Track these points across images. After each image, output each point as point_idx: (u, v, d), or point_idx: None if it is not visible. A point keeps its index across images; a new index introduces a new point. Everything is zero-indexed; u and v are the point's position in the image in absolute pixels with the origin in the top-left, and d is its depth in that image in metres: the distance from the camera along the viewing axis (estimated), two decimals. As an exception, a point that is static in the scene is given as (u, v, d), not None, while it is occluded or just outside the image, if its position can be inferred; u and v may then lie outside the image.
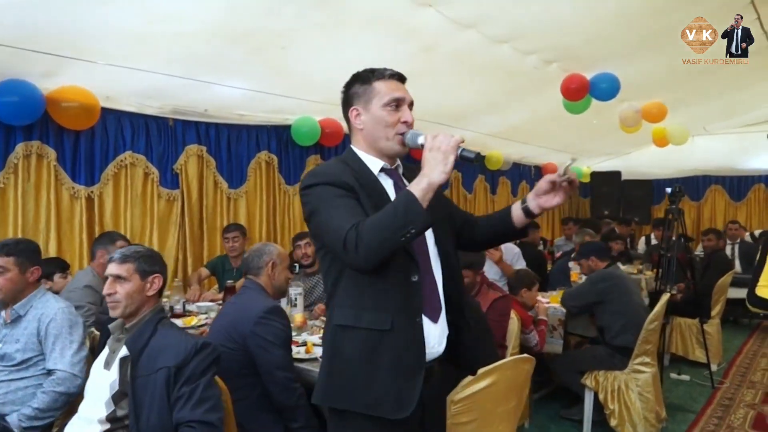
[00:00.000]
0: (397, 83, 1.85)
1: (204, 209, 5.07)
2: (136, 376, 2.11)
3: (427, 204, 1.59)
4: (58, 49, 3.70)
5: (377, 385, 1.70)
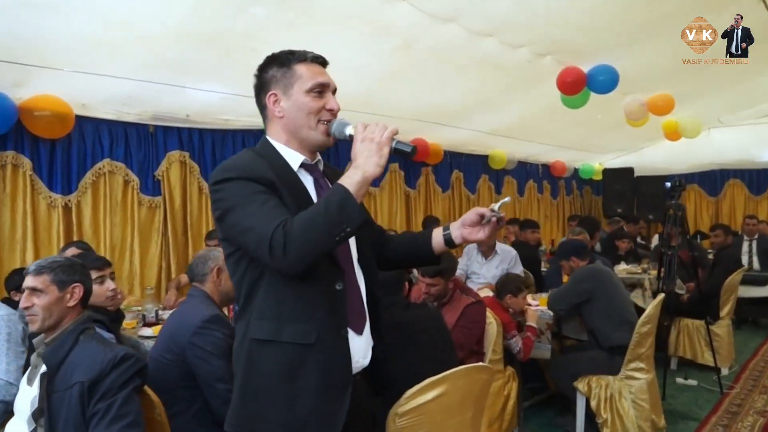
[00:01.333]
0: (320, 67, 1.70)
1: (188, 216, 5.01)
2: (51, 392, 2.02)
3: (362, 199, 1.48)
4: (24, 58, 3.67)
5: (301, 405, 1.55)
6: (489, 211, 1.72)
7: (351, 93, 4.97)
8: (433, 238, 1.84)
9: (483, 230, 1.74)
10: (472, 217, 1.75)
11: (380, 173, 1.51)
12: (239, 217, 1.52)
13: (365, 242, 1.79)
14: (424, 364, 2.30)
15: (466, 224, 1.76)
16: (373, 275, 1.78)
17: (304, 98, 1.65)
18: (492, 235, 1.77)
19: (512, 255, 5.20)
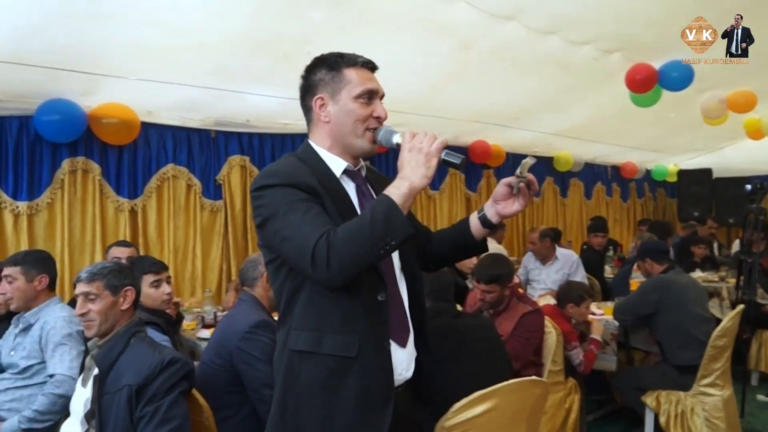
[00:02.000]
0: (369, 73, 1.66)
1: (248, 219, 5.08)
2: (102, 394, 2.06)
3: (407, 211, 1.42)
4: (91, 67, 3.81)
5: (341, 419, 1.50)
6: (515, 179, 1.62)
7: (409, 95, 5.02)
8: (471, 224, 1.76)
9: (518, 201, 1.66)
10: (501, 191, 1.67)
11: (427, 185, 1.45)
12: (280, 226, 1.48)
13: (409, 250, 1.72)
14: (474, 375, 2.20)
15: (497, 199, 1.69)
16: (417, 284, 1.72)
17: (353, 104, 1.60)
18: (527, 203, 1.67)
19: (573, 260, 4.99)
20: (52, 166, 4.20)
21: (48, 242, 4.17)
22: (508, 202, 1.66)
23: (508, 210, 1.67)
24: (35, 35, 3.28)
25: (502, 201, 1.67)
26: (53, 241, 4.20)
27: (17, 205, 4.05)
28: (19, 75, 3.69)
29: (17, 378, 2.66)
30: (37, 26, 3.20)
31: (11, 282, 2.80)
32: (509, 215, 1.69)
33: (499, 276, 3.00)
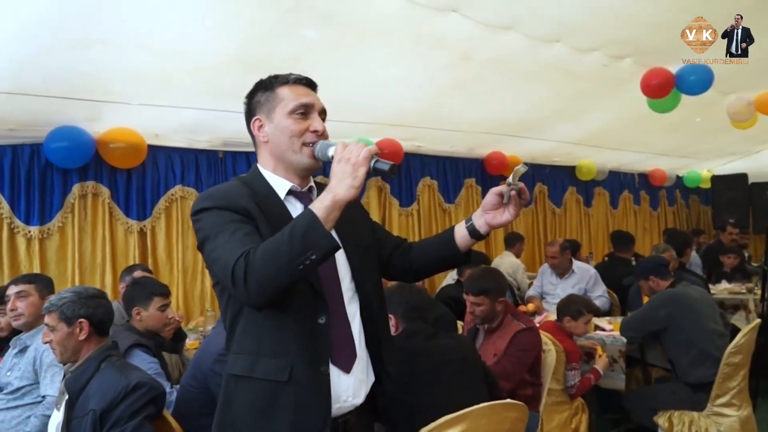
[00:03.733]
0: (305, 88, 1.65)
1: (258, 238, 5.10)
2: (71, 418, 2.08)
3: (332, 224, 1.37)
4: (95, 94, 3.92)
5: None
6: (506, 187, 1.57)
7: (410, 108, 5.02)
8: (456, 234, 1.69)
9: (508, 210, 1.60)
10: (491, 200, 1.61)
11: (354, 195, 1.40)
12: (211, 247, 1.48)
13: (365, 270, 1.68)
14: (446, 398, 2.13)
15: (486, 209, 1.62)
16: (374, 306, 1.66)
17: (286, 120, 1.59)
18: (517, 212, 1.60)
19: (590, 274, 4.84)
20: (63, 191, 4.32)
21: (59, 265, 4.28)
22: (498, 211, 1.61)
23: (497, 220, 1.61)
24: (33, 66, 3.39)
25: (492, 211, 1.61)
26: (65, 263, 4.31)
27: (29, 230, 4.18)
28: (27, 104, 3.83)
29: (9, 399, 2.72)
30: (33, 57, 3.31)
31: (24, 297, 2.88)
32: (499, 225, 1.63)
33: (488, 289, 2.93)
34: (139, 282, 3.29)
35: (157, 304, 3.01)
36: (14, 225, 4.14)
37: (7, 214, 4.10)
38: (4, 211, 4.10)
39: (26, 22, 3.04)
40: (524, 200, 1.60)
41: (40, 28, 3.10)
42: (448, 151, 6.29)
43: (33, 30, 3.10)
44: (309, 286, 1.50)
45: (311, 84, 1.68)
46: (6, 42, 3.16)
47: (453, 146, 6.27)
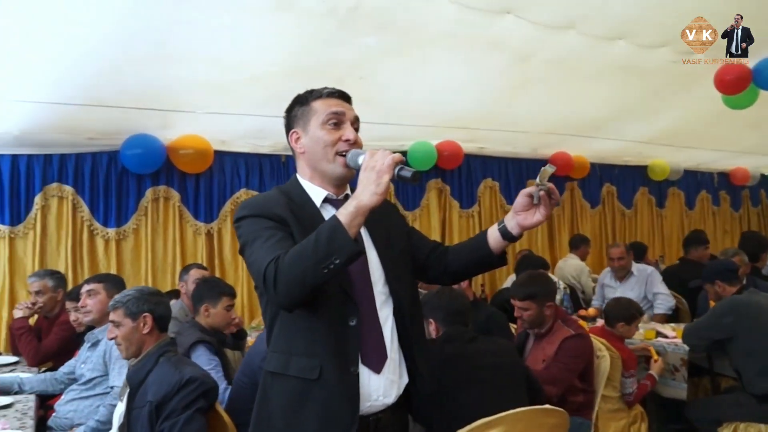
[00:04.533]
0: (337, 100, 1.72)
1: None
2: (131, 409, 2.24)
3: (357, 230, 1.44)
4: (165, 104, 4.16)
5: None
6: (535, 188, 1.57)
7: (470, 110, 5.01)
8: (489, 236, 1.71)
9: (539, 211, 1.60)
10: (521, 201, 1.62)
11: (378, 202, 1.44)
12: (248, 253, 1.57)
13: (398, 274, 1.72)
14: (484, 402, 2.14)
15: (517, 210, 1.63)
16: (408, 309, 1.70)
17: (320, 131, 1.66)
18: (548, 213, 1.60)
19: (647, 273, 4.69)
20: (137, 195, 4.60)
21: (134, 264, 4.57)
22: (528, 212, 1.62)
23: (528, 221, 1.62)
24: (107, 79, 3.65)
25: (523, 212, 1.62)
26: (138, 263, 4.59)
27: (107, 231, 4.49)
28: (104, 115, 4.11)
29: (81, 389, 2.94)
30: (106, 71, 3.56)
31: (93, 296, 3.12)
32: (530, 226, 1.64)
33: (535, 294, 2.90)
34: (209, 281, 3.47)
35: (224, 303, 3.18)
36: (93, 227, 4.45)
37: (87, 216, 4.42)
38: (84, 214, 4.42)
39: (98, 39, 3.27)
40: (554, 201, 1.60)
41: (111, 45, 3.34)
42: (511, 152, 6.21)
43: (105, 46, 3.34)
44: (340, 289, 1.56)
45: (344, 96, 1.74)
46: (81, 58, 3.42)
47: (516, 147, 6.18)
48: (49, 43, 3.30)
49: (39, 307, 3.73)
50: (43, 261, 4.28)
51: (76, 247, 4.40)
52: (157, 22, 3.29)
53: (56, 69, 3.55)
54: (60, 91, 3.79)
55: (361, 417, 1.57)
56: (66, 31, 3.23)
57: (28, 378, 3.14)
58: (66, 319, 3.59)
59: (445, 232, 5.90)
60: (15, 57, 3.39)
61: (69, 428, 2.82)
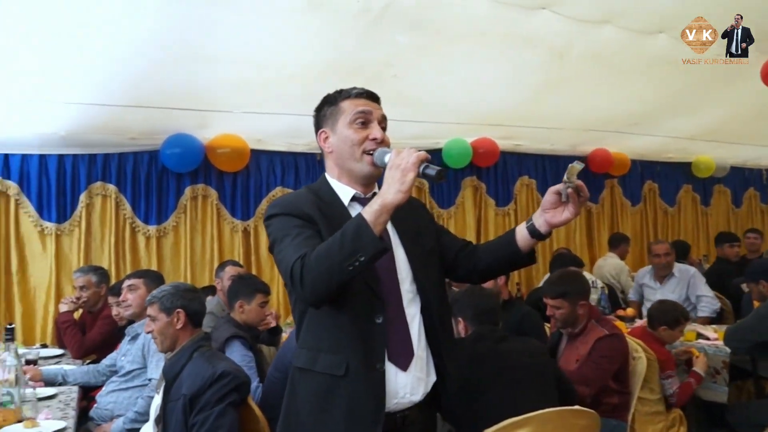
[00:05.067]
0: (365, 100, 1.72)
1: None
2: (167, 401, 2.30)
3: (382, 227, 1.45)
4: (202, 104, 4.26)
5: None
6: (563, 185, 1.55)
7: (506, 107, 4.97)
8: (518, 234, 1.69)
9: (567, 209, 1.58)
10: (549, 198, 1.60)
11: (403, 200, 1.45)
12: (277, 251, 1.60)
13: (426, 272, 1.72)
14: (513, 402, 2.13)
15: (546, 208, 1.61)
16: (436, 307, 1.70)
17: (347, 130, 1.67)
18: (577, 210, 1.58)
19: (689, 274, 4.55)
20: (177, 193, 4.72)
21: (173, 261, 4.69)
22: (557, 210, 1.60)
23: (557, 219, 1.61)
24: (147, 80, 3.75)
25: (551, 210, 1.61)
26: (178, 259, 4.71)
27: (148, 229, 4.61)
28: (144, 115, 4.23)
29: (121, 381, 3.04)
30: (146, 73, 3.66)
31: (133, 290, 3.22)
32: (559, 224, 1.63)
33: (566, 292, 2.86)
34: (244, 278, 3.53)
35: (258, 300, 3.24)
36: (135, 224, 4.59)
37: (129, 214, 4.56)
38: (126, 212, 4.55)
39: (138, 41, 3.38)
40: (583, 198, 1.57)
41: (150, 47, 3.43)
42: (548, 149, 6.12)
43: (144, 48, 3.44)
44: (367, 286, 1.57)
45: (372, 96, 1.75)
46: (122, 60, 3.53)
47: (553, 144, 6.09)
48: (91, 46, 3.42)
49: (83, 301, 3.85)
50: (88, 257, 4.43)
51: (118, 244, 4.53)
52: (194, 23, 3.37)
53: (99, 71, 3.67)
54: (103, 92, 3.91)
55: (388, 414, 1.58)
56: (107, 33, 3.34)
57: (71, 370, 3.26)
58: (109, 313, 3.69)
59: (481, 231, 5.86)
60: (62, 60, 3.51)
61: (109, 419, 2.91)
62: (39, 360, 3.31)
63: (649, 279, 4.81)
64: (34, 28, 3.25)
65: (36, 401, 2.47)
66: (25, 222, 4.32)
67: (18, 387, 2.36)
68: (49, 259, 4.34)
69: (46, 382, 3.04)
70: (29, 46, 3.37)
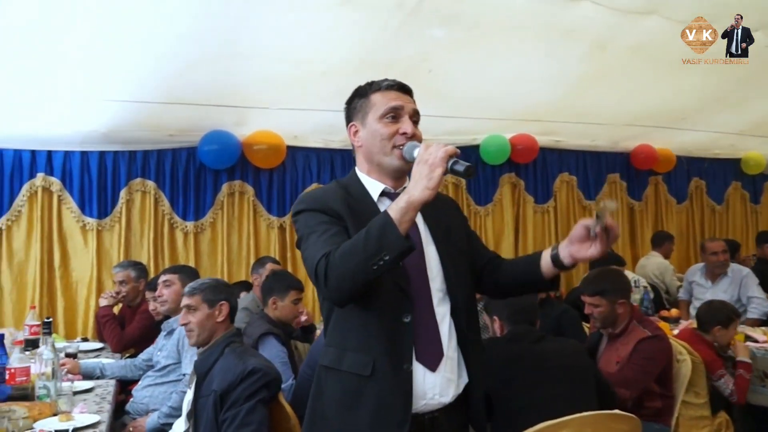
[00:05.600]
0: (396, 93, 1.67)
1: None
2: (198, 397, 2.30)
3: (408, 225, 1.40)
4: (239, 101, 4.28)
5: None
6: (593, 221, 1.49)
7: (545, 102, 4.87)
8: (542, 259, 1.65)
9: (594, 245, 1.52)
10: (578, 232, 1.53)
11: (430, 197, 1.39)
12: (303, 248, 1.58)
13: (457, 272, 1.67)
14: (549, 404, 2.05)
15: (572, 240, 1.56)
16: (464, 309, 1.65)
17: (377, 125, 1.63)
18: (603, 250, 1.51)
19: (742, 274, 4.36)
20: (214, 190, 4.76)
21: (210, 257, 4.74)
22: (584, 245, 1.54)
23: (581, 254, 1.55)
24: (184, 78, 3.79)
25: (577, 243, 1.55)
26: (215, 255, 4.75)
27: (186, 225, 4.67)
28: (182, 112, 4.28)
29: (156, 376, 3.07)
30: (182, 70, 3.69)
31: (169, 286, 3.25)
32: (582, 260, 1.57)
33: (605, 289, 2.75)
34: (279, 274, 3.54)
35: (292, 296, 3.23)
36: (173, 220, 4.65)
37: (167, 210, 4.62)
38: (165, 208, 4.62)
39: (174, 39, 3.41)
40: (613, 238, 1.51)
41: (187, 44, 3.47)
42: (589, 145, 5.96)
43: (181, 46, 3.47)
44: (395, 284, 1.53)
45: (404, 89, 1.70)
46: (160, 57, 3.57)
47: (594, 140, 5.93)
48: (131, 44, 3.47)
49: (122, 296, 3.92)
50: (128, 252, 4.50)
51: (157, 240, 4.60)
52: (229, 20, 3.38)
53: (138, 69, 3.72)
54: (142, 90, 3.97)
55: (416, 415, 1.54)
56: (146, 31, 3.39)
57: (109, 363, 3.31)
58: (147, 308, 3.74)
59: (519, 229, 5.75)
60: (102, 58, 3.58)
61: (144, 413, 2.94)
62: (79, 353, 3.36)
63: (700, 277, 4.61)
64: (75, 28, 3.31)
65: (72, 395, 2.50)
66: (67, 217, 4.42)
67: (54, 380, 2.40)
68: (91, 254, 4.44)
69: (85, 375, 3.10)
70: (71, 46, 3.43)
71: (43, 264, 4.32)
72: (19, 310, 4.21)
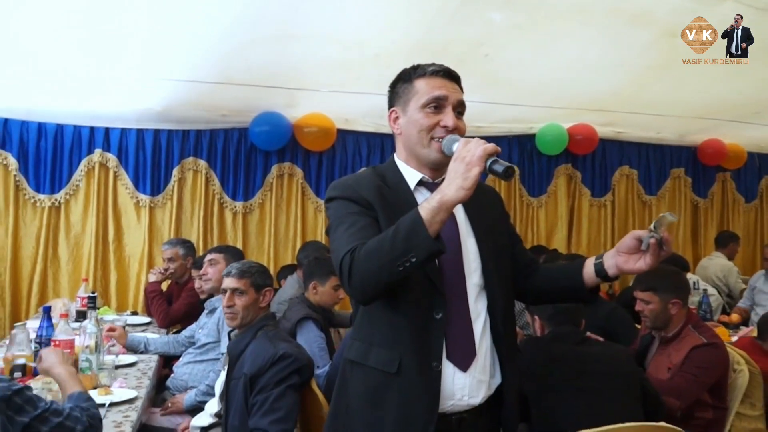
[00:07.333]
0: (441, 80, 1.58)
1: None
2: (230, 379, 2.31)
3: (439, 226, 1.33)
4: (291, 82, 4.25)
5: None
6: (647, 233, 1.40)
7: (607, 91, 4.64)
8: (585, 268, 1.57)
9: (644, 258, 1.43)
10: (628, 242, 1.45)
11: (465, 197, 1.31)
12: (332, 238, 1.54)
13: (496, 268, 1.59)
14: (589, 410, 1.95)
15: (621, 251, 1.47)
16: (501, 308, 1.57)
17: (418, 114, 1.56)
18: (654, 263, 1.42)
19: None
20: (264, 171, 4.80)
21: (258, 237, 4.79)
22: (633, 257, 1.45)
23: (629, 266, 1.46)
24: (237, 59, 3.79)
25: (626, 254, 1.47)
26: (262, 236, 4.80)
27: (235, 205, 4.73)
28: (235, 93, 4.30)
29: (196, 353, 3.11)
30: (236, 51, 3.69)
31: (214, 265, 3.29)
32: (629, 272, 1.49)
33: (657, 286, 2.59)
34: (320, 259, 3.51)
35: (332, 282, 3.20)
36: (223, 200, 4.71)
37: (218, 190, 4.69)
38: (215, 187, 4.68)
39: (228, 20, 3.39)
40: (665, 253, 1.42)
41: (240, 25, 3.44)
42: (653, 137, 5.68)
43: (234, 26, 3.45)
44: (427, 279, 1.47)
45: (451, 75, 1.60)
46: (214, 38, 3.57)
47: (659, 132, 5.65)
48: (186, 25, 3.47)
49: (170, 273, 4.00)
50: (178, 230, 4.60)
51: (207, 218, 4.68)
52: (283, 2, 3.34)
53: (194, 49, 3.74)
54: (197, 70, 4.00)
55: (443, 415, 1.48)
56: (201, 12, 3.38)
57: (154, 339, 3.38)
58: (193, 285, 3.81)
59: (573, 221, 5.56)
60: (158, 39, 3.61)
61: (183, 390, 2.99)
62: (126, 327, 3.45)
63: (763, 283, 4.35)
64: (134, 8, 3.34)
65: (113, 369, 2.55)
66: (122, 193, 4.55)
67: (96, 354, 2.45)
68: (143, 230, 4.55)
69: (130, 348, 3.17)
70: (129, 26, 3.48)
71: (98, 238, 4.46)
72: (75, 281, 4.37)
